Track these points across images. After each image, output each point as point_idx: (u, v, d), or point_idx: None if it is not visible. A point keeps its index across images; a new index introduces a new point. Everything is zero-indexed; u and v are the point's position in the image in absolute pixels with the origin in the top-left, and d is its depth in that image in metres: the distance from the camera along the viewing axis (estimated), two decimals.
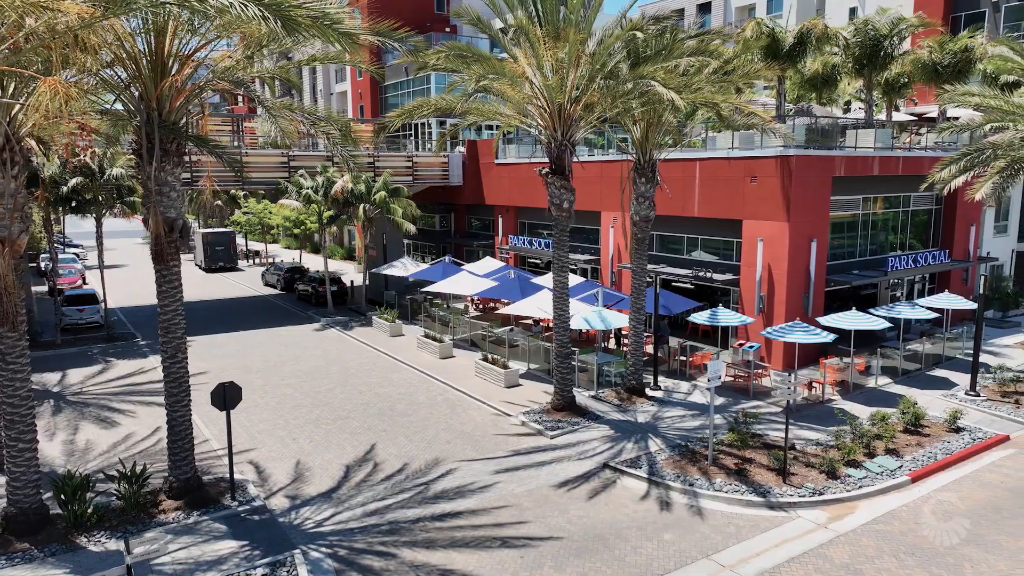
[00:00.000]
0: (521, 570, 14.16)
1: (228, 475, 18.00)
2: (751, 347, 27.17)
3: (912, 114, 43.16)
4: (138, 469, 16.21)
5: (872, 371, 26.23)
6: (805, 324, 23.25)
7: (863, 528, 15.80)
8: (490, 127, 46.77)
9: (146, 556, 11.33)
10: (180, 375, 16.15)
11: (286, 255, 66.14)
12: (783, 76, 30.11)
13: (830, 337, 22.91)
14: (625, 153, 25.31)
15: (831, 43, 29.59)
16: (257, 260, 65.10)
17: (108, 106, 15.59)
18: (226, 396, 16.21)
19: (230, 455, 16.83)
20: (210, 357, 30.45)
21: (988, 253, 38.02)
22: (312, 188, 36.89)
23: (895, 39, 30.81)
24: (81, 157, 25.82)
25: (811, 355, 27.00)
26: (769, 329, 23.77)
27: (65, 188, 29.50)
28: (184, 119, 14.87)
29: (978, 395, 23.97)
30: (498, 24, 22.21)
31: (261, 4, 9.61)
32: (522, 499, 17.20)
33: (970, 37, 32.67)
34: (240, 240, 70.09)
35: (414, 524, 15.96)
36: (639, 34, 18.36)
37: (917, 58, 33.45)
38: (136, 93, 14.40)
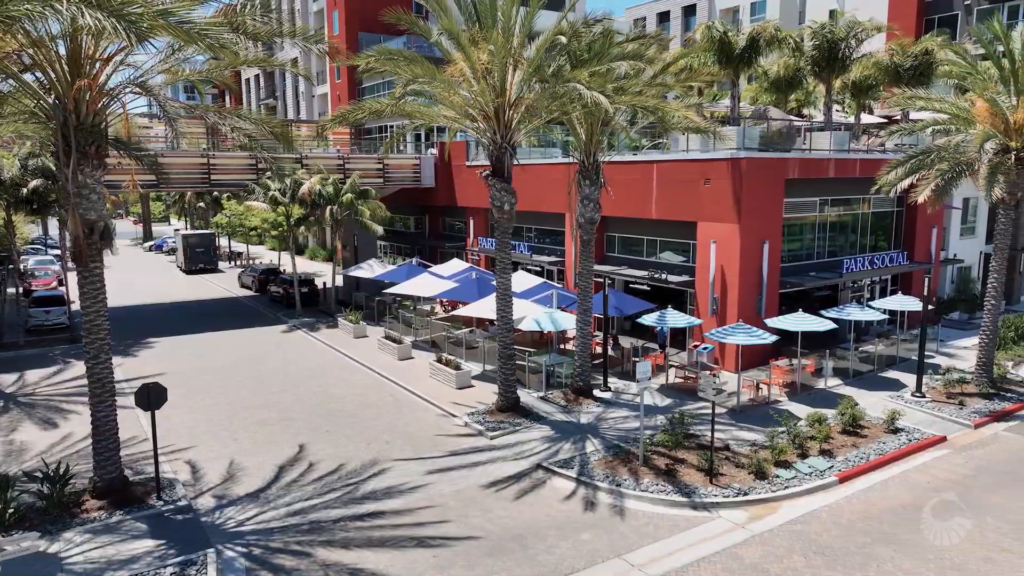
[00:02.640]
0: (431, 569, 14.29)
1: (166, 473, 18.33)
2: (705, 348, 27.29)
3: (885, 116, 43.30)
4: (62, 469, 16.35)
5: (824, 372, 26.31)
6: (748, 326, 23.38)
7: (780, 528, 15.93)
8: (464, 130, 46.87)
9: (13, 554, 11.48)
10: (103, 376, 16.29)
11: (272, 256, 66.22)
12: (736, 79, 30.24)
13: (771, 338, 23.05)
14: (569, 156, 25.40)
15: (781, 46, 29.76)
16: (239, 261, 65.22)
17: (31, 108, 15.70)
18: (150, 397, 16.33)
19: (155, 455, 16.98)
20: (171, 358, 30.60)
21: (955, 255, 38.16)
22: (280, 190, 37.03)
23: (852, 42, 30.94)
24: None
25: (765, 356, 27.06)
26: (713, 331, 23.90)
27: (25, 190, 29.64)
28: (103, 122, 15.00)
29: (924, 396, 24.08)
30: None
31: (105, 10, 9.71)
32: (449, 499, 17.33)
33: (932, 40, 32.81)
34: (224, 241, 70.29)
35: (335, 524, 16.09)
36: (562, 38, 18.52)
37: (878, 61, 33.61)
38: (52, 96, 14.56)
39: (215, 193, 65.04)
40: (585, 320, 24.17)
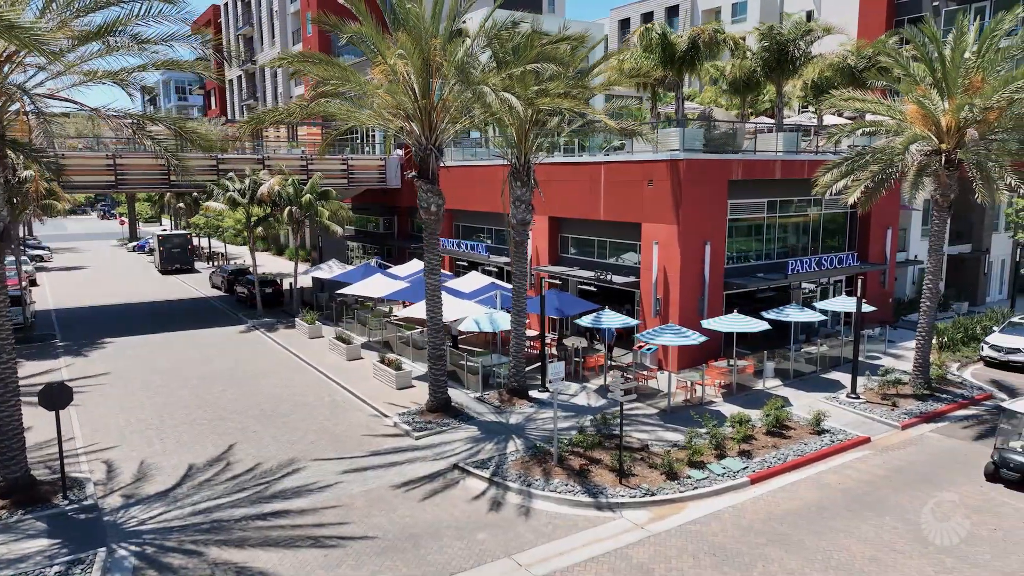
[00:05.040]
0: (318, 568, 14.36)
1: (82, 472, 18.46)
2: (649, 350, 27.37)
3: (850, 117, 43.27)
4: None
5: (764, 373, 26.33)
6: (677, 326, 23.45)
7: (678, 529, 15.96)
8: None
9: None
10: (6, 376, 16.36)
11: (257, 257, 66.17)
12: (681, 80, 30.27)
13: (700, 339, 23.07)
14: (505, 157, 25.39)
15: (722, 48, 29.78)
16: (217, 262, 65.34)
17: None
18: (54, 396, 16.42)
19: (60, 455, 17.05)
20: (121, 358, 30.69)
21: (915, 256, 38.16)
22: (239, 191, 37.10)
23: (801, 43, 30.95)
24: None
25: (708, 356, 27.07)
26: (644, 332, 23.95)
27: None
28: None
29: (858, 397, 24.10)
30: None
31: None
32: (357, 499, 17.40)
33: (882, 42, 32.81)
34: (204, 242, 70.44)
35: (236, 523, 16.16)
36: (468, 40, 18.58)
37: (832, 62, 33.63)
38: None
39: (195, 194, 65.15)
40: (520, 321, 24.21)
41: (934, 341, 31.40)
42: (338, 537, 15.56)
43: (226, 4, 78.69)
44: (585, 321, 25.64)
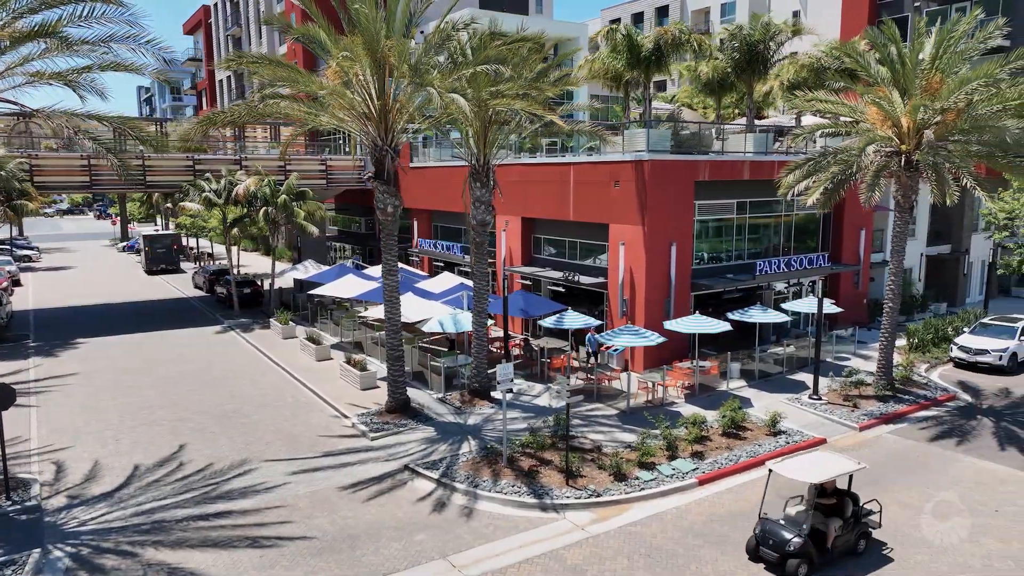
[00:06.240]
0: (251, 569, 14.36)
1: (30, 473, 18.49)
2: (616, 350, 27.35)
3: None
4: None
5: (729, 374, 26.28)
6: (635, 327, 23.44)
7: (618, 530, 15.94)
8: (415, 131, 46.87)
9: None
10: None
11: (243, 257, 66.19)
12: (648, 80, 30.26)
13: (658, 340, 23.05)
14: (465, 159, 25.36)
15: (685, 49, 29.77)
16: (203, 262, 65.33)
17: None
18: None
19: (3, 455, 17.04)
20: (92, 358, 30.70)
21: None
22: (215, 191, 37.12)
23: (771, 44, 30.93)
24: None
25: (674, 357, 27.04)
26: (603, 333, 23.93)
27: None
28: None
29: (820, 398, 24.07)
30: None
31: None
32: (301, 500, 17.40)
33: (855, 43, 32.77)
34: (193, 242, 70.48)
35: (177, 524, 16.16)
36: (413, 43, 18.60)
37: (806, 63, 33.60)
38: None
39: (177, 195, 65.20)
40: (481, 321, 24.20)
41: (905, 342, 31.41)
42: (276, 537, 15.56)
43: (215, 5, 78.81)
44: (548, 322, 25.64)
